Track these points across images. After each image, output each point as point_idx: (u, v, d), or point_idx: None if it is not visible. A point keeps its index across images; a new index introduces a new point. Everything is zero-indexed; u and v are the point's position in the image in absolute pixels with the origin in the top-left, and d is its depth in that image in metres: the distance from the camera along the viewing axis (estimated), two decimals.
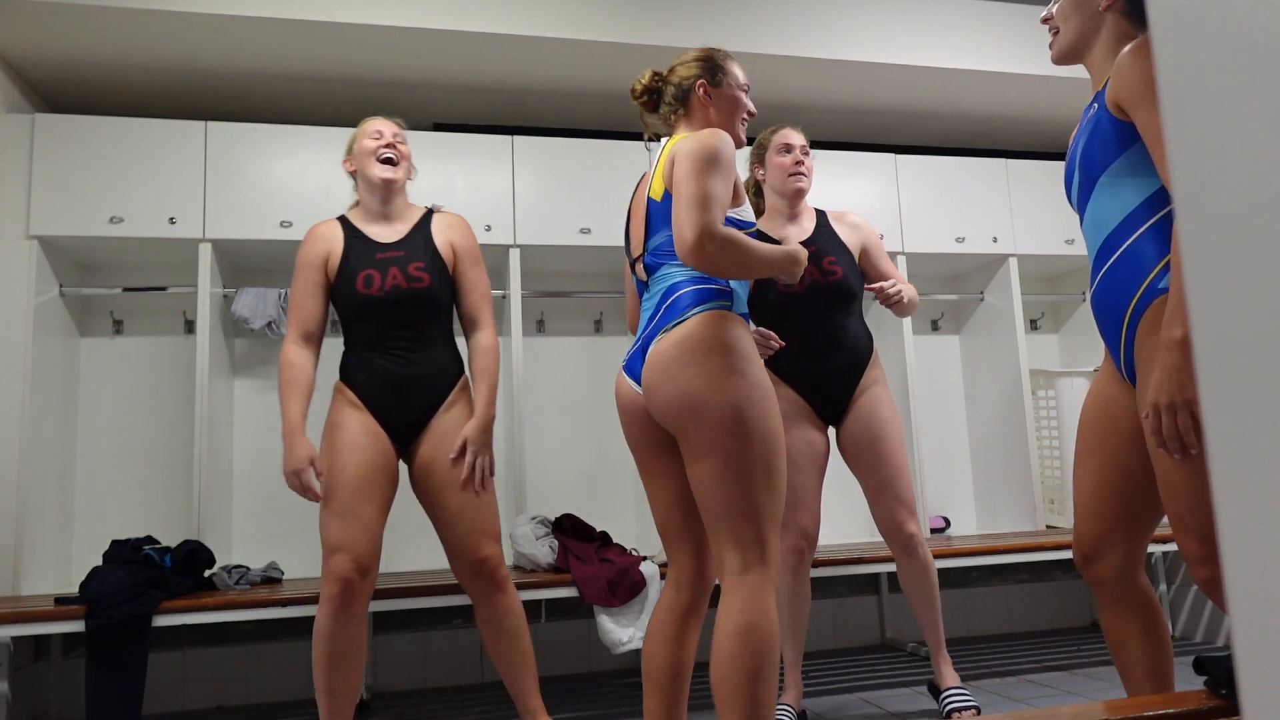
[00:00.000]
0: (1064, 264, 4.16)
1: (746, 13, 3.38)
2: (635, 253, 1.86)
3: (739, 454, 1.59)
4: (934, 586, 2.61)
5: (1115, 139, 1.58)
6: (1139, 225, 1.58)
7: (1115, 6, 1.64)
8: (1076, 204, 1.72)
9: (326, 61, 3.27)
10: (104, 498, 3.28)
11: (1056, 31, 1.71)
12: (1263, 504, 0.41)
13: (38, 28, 2.92)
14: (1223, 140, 0.43)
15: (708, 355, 1.62)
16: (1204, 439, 0.45)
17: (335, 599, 2.11)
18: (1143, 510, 1.65)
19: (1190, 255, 0.45)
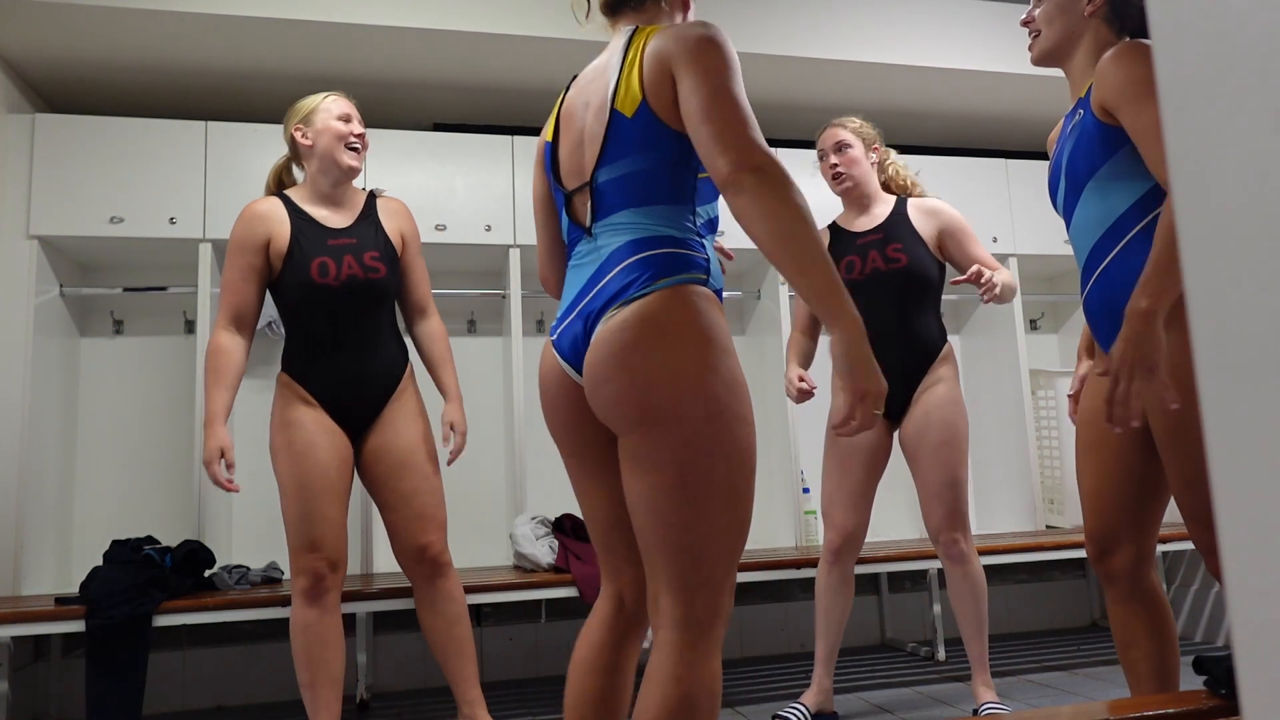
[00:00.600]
0: (1064, 264, 4.15)
1: (746, 13, 3.38)
2: (573, 183, 1.40)
3: (701, 474, 1.22)
4: (980, 599, 2.50)
5: (1102, 143, 1.58)
6: (1130, 228, 1.58)
7: (1099, 13, 1.66)
8: (1063, 210, 1.72)
9: (326, 61, 3.27)
10: (104, 498, 3.28)
11: (1037, 34, 1.72)
12: (1263, 504, 0.41)
13: (38, 28, 2.92)
14: (1223, 140, 0.43)
15: (678, 345, 1.24)
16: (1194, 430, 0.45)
17: (307, 592, 2.16)
18: (1146, 505, 1.65)
19: (1190, 255, 0.45)
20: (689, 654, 1.20)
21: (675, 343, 1.24)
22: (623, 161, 1.33)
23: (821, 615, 2.58)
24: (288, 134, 2.35)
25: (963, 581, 2.49)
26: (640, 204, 1.32)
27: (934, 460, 2.44)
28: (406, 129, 3.60)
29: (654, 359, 1.24)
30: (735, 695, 3.01)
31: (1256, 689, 0.41)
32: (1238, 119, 0.43)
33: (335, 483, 2.20)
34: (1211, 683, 1.32)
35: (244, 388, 3.47)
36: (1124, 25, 1.67)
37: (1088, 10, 1.65)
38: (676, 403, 1.23)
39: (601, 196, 1.35)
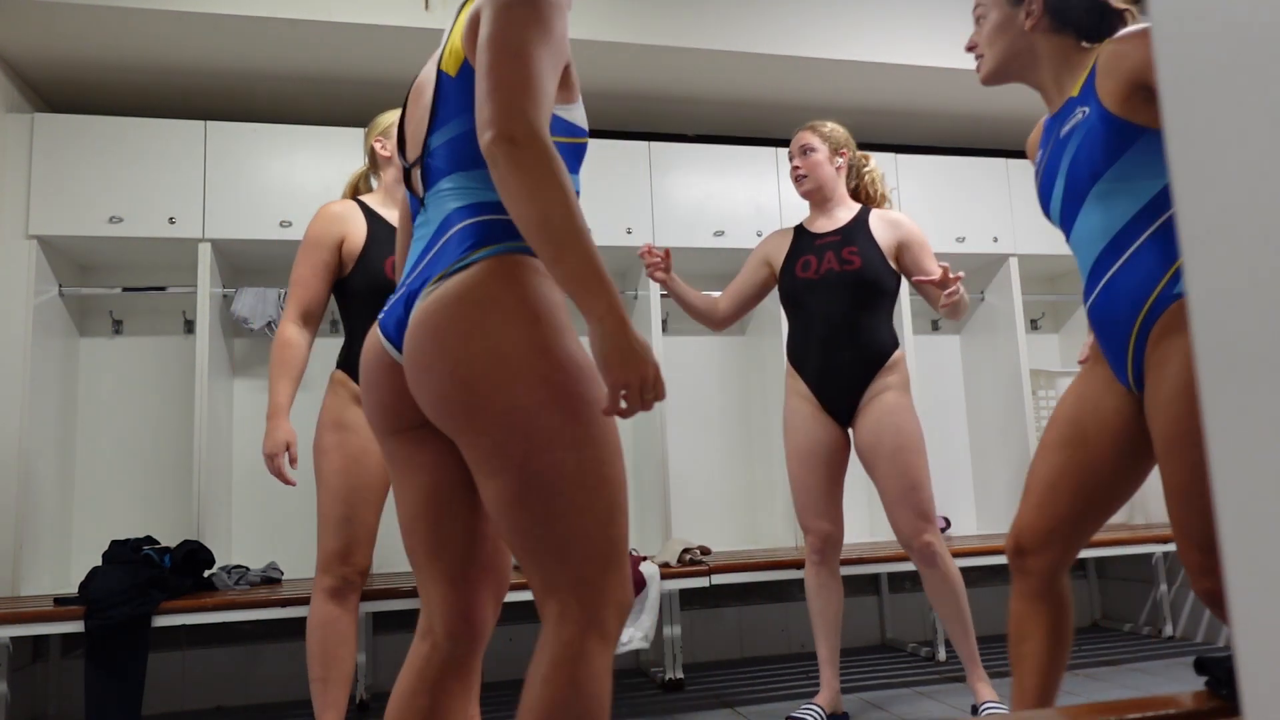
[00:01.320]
0: (1064, 264, 4.15)
1: (746, 13, 3.38)
2: (413, 155, 1.30)
3: (547, 469, 1.10)
4: (959, 597, 2.51)
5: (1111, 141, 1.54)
6: (1142, 231, 1.54)
7: (1040, 26, 1.65)
8: (1060, 217, 1.68)
9: (326, 61, 3.27)
10: (104, 498, 3.28)
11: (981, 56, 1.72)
12: (1263, 504, 0.41)
13: (38, 28, 2.92)
14: (1223, 140, 0.43)
15: (501, 325, 1.11)
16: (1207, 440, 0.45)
17: (331, 591, 2.17)
18: (1094, 514, 1.63)
19: (1190, 255, 0.45)
20: (564, 652, 1.09)
21: (498, 322, 1.11)
22: (451, 124, 1.22)
23: (816, 616, 2.58)
24: (368, 145, 2.41)
25: (942, 583, 2.50)
26: (467, 168, 1.20)
27: (892, 466, 2.47)
28: None
29: (474, 342, 1.11)
30: (735, 695, 3.01)
31: (1256, 689, 0.41)
32: (1238, 119, 0.43)
33: (379, 491, 2.24)
34: (1212, 683, 1.32)
35: (246, 388, 3.48)
36: (1078, 30, 1.65)
37: (1027, 25, 1.65)
38: (505, 392, 1.10)
39: (431, 163, 1.24)
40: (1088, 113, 1.57)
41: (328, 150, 3.29)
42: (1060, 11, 1.62)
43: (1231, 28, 0.43)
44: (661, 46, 3.29)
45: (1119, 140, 1.52)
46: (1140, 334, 1.55)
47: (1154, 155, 1.52)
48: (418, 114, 1.31)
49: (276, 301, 3.32)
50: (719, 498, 3.77)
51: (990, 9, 1.70)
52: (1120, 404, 1.61)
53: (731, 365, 3.91)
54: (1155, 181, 1.53)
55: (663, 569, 2.98)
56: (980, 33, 1.72)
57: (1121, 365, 1.60)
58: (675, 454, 3.67)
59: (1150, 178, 1.53)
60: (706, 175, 3.62)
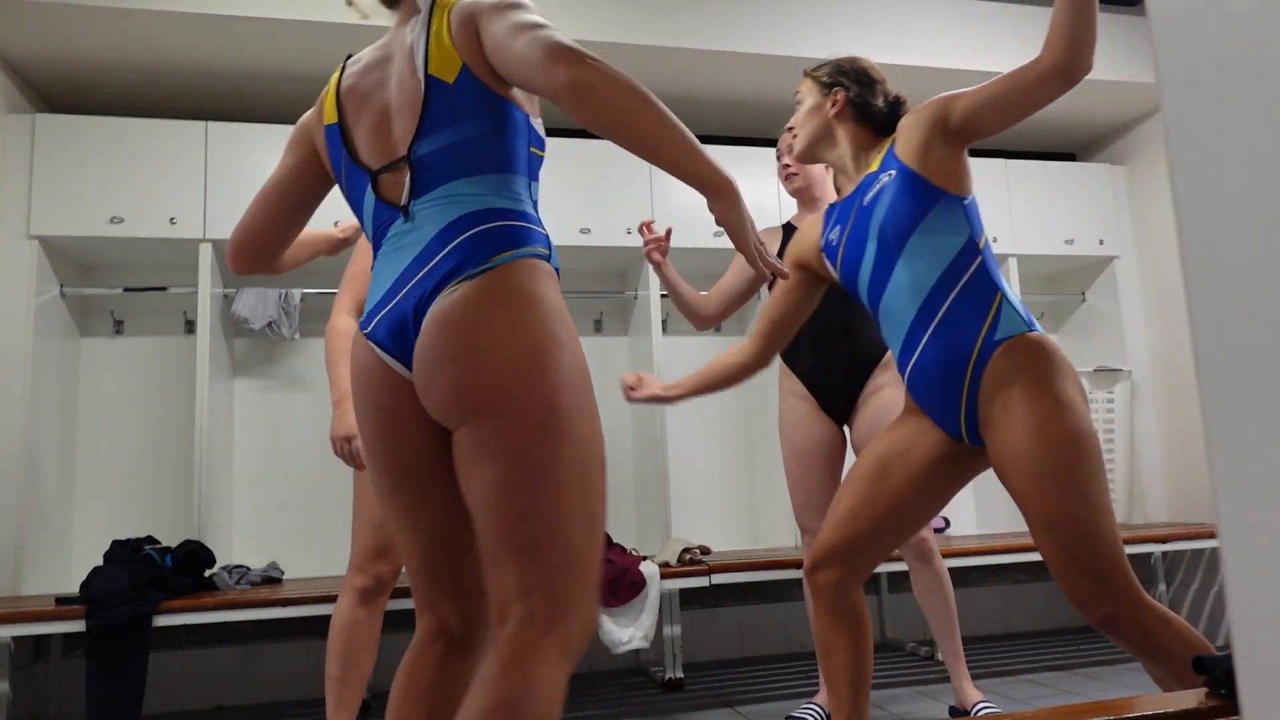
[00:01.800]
0: (1064, 264, 4.16)
1: (746, 13, 3.38)
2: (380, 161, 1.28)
3: (549, 461, 1.11)
4: (949, 597, 2.52)
5: (919, 198, 1.67)
6: (950, 290, 1.67)
7: (844, 115, 1.85)
8: (870, 285, 1.77)
9: (326, 61, 3.27)
10: (104, 498, 3.28)
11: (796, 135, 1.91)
12: (1263, 504, 0.41)
13: (38, 28, 2.92)
14: (1223, 140, 0.43)
15: (527, 321, 1.14)
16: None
17: (363, 591, 2.16)
18: (887, 542, 1.75)
19: (1191, 255, 0.45)
20: (523, 654, 1.04)
21: (523, 318, 1.14)
22: (448, 130, 1.22)
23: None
24: None
25: (935, 581, 2.51)
26: (470, 174, 1.22)
27: None
28: None
29: (500, 336, 1.12)
30: (735, 695, 3.01)
31: (1256, 689, 0.41)
32: (1238, 119, 0.43)
33: None
34: (1211, 683, 1.32)
35: (246, 388, 3.48)
36: (875, 125, 1.85)
37: (831, 112, 1.85)
38: (524, 382, 1.11)
39: (423, 170, 1.23)
40: (894, 174, 1.71)
41: None
42: (860, 105, 1.84)
43: (1232, 27, 0.43)
44: (661, 47, 3.29)
45: (925, 196, 1.67)
46: (971, 387, 1.65)
47: (953, 214, 1.67)
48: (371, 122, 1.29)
49: (277, 302, 3.32)
50: (719, 498, 3.77)
51: (806, 95, 1.91)
52: (930, 451, 1.72)
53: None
54: (957, 238, 1.68)
55: (663, 569, 2.98)
56: (797, 115, 1.92)
57: (953, 419, 1.69)
58: (675, 454, 3.67)
59: (952, 234, 1.68)
60: None
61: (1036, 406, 1.56)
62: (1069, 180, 4.06)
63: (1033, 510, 1.55)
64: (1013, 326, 1.64)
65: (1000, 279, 1.69)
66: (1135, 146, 4.16)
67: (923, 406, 1.75)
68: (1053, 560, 1.54)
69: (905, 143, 1.71)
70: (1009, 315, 1.65)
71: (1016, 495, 1.58)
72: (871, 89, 1.88)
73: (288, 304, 3.34)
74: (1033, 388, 1.58)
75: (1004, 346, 1.62)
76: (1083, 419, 1.57)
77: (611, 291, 3.73)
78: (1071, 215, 3.99)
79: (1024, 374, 1.59)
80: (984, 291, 1.66)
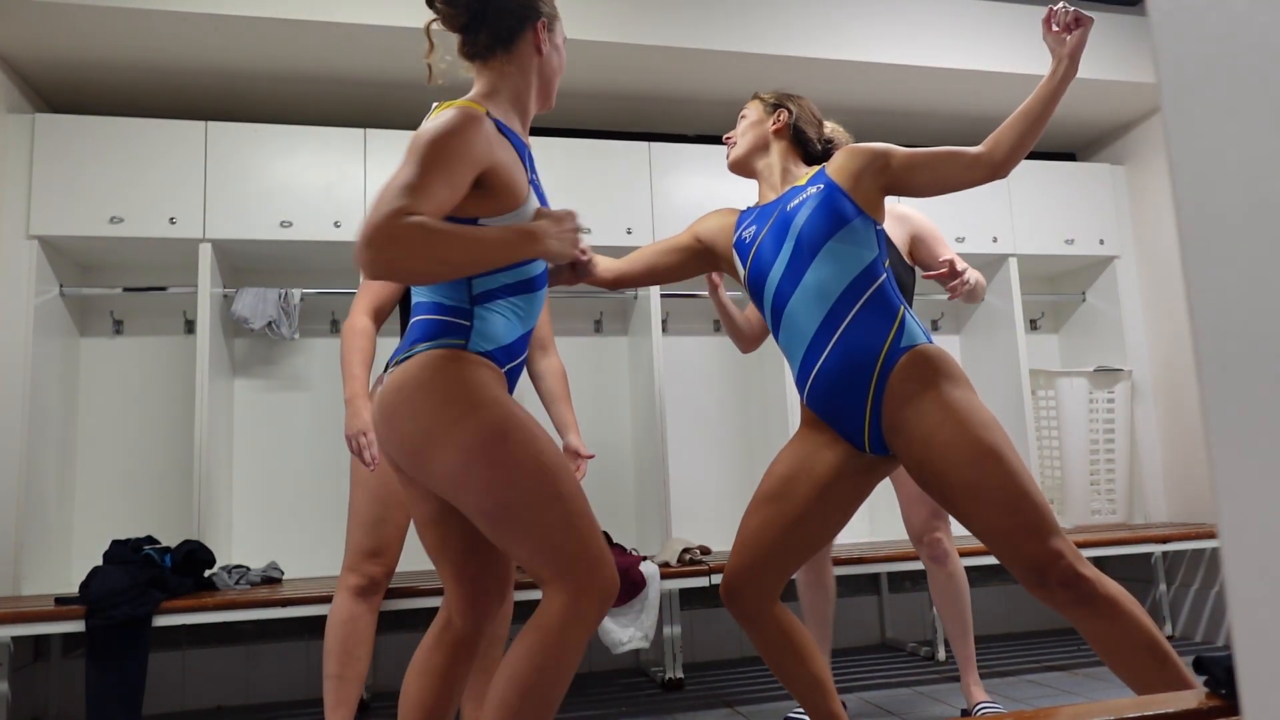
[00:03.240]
0: (1064, 264, 4.16)
1: (746, 13, 3.38)
2: None
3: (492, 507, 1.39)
4: (963, 598, 2.51)
5: (840, 211, 1.80)
6: (862, 293, 1.78)
7: (782, 134, 2.02)
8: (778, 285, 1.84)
9: (326, 61, 3.27)
10: (104, 498, 3.28)
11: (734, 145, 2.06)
12: (1263, 504, 0.41)
13: (38, 28, 2.92)
14: (1223, 140, 0.43)
15: (425, 406, 1.41)
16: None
17: (356, 589, 2.20)
18: (794, 559, 1.82)
19: (1190, 255, 0.45)
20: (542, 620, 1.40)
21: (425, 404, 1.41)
22: None
23: (808, 612, 2.56)
24: None
25: (948, 581, 2.51)
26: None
27: None
28: (406, 129, 3.60)
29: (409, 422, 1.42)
30: (735, 695, 3.01)
31: (1256, 689, 0.41)
32: (1238, 119, 0.43)
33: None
34: (1211, 683, 1.33)
35: (245, 388, 3.48)
36: (806, 151, 2.02)
37: (772, 129, 2.02)
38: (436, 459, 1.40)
39: None
40: (821, 188, 1.84)
41: (328, 150, 3.29)
42: (799, 129, 2.02)
43: (1231, 28, 0.43)
44: (661, 47, 3.29)
45: (842, 212, 1.80)
46: (875, 396, 1.74)
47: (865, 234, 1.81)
48: None
49: (277, 302, 3.32)
50: (719, 498, 3.77)
51: (750, 112, 2.08)
52: (831, 466, 1.79)
53: (731, 365, 3.91)
54: (866, 253, 1.80)
55: (663, 569, 2.98)
56: (739, 128, 2.07)
57: (855, 424, 1.77)
58: (675, 454, 3.67)
59: (863, 248, 1.80)
60: (706, 175, 3.62)
61: (955, 401, 1.68)
62: (1069, 180, 4.06)
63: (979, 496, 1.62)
64: (913, 339, 1.77)
65: (901, 299, 1.82)
66: (1135, 146, 4.16)
67: (823, 416, 1.82)
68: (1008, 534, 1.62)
69: (838, 166, 1.85)
70: (911, 329, 1.79)
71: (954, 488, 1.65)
72: (811, 123, 2.05)
73: (287, 304, 3.34)
74: (943, 388, 1.70)
75: (908, 355, 1.74)
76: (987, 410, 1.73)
77: (611, 292, 3.73)
78: (1071, 215, 3.99)
79: (933, 378, 1.71)
80: (888, 306, 1.78)
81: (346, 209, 3.27)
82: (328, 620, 2.21)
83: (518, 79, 1.58)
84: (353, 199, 3.28)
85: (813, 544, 1.83)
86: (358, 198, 3.28)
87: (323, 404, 3.52)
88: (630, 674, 3.38)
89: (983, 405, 1.72)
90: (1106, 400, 3.85)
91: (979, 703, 2.50)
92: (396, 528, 2.25)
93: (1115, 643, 1.61)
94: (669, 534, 3.30)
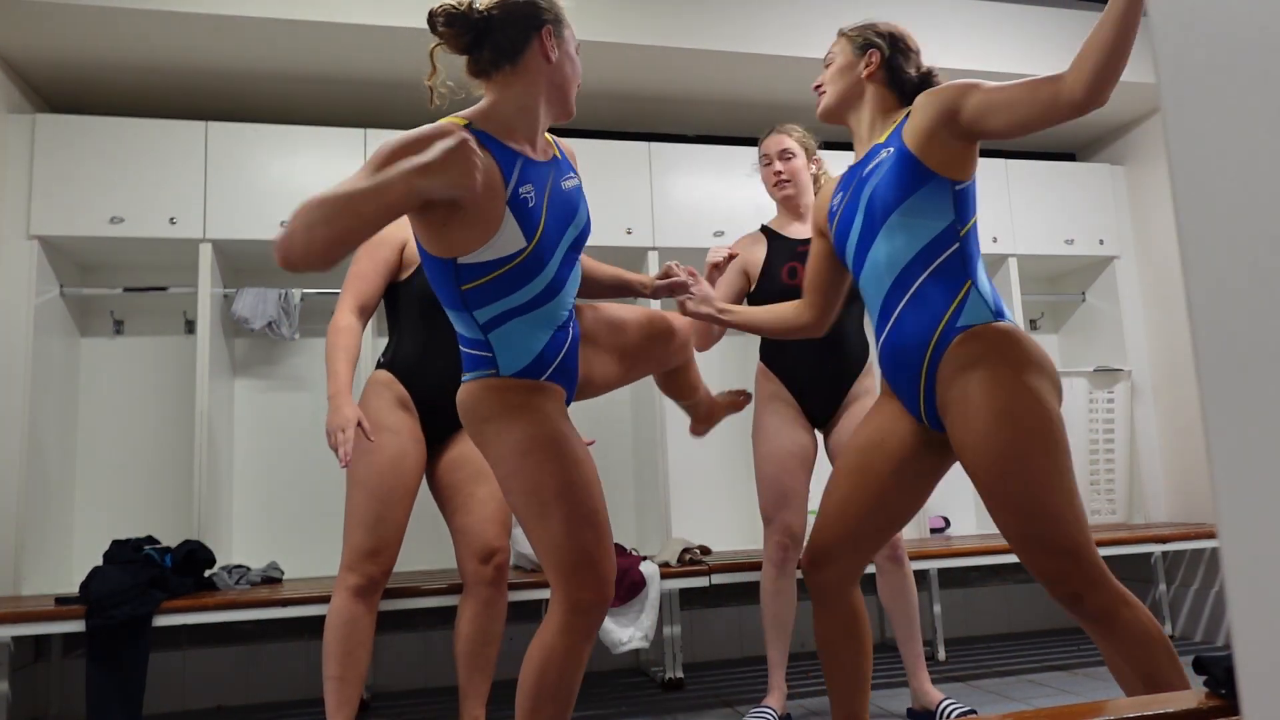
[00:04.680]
0: (1064, 264, 4.16)
1: (746, 13, 3.38)
2: None
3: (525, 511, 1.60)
4: (914, 597, 2.60)
5: (909, 178, 1.67)
6: (923, 270, 1.67)
7: (876, 77, 1.83)
8: (855, 253, 1.78)
9: (326, 61, 3.27)
10: (104, 498, 3.28)
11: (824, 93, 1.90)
12: (1263, 504, 0.41)
13: (38, 28, 2.92)
14: (1223, 140, 0.43)
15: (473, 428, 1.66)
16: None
17: (355, 589, 2.19)
18: (877, 533, 1.77)
19: (1191, 255, 0.45)
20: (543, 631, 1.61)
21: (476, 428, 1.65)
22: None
23: (773, 621, 2.58)
24: None
25: (904, 581, 2.57)
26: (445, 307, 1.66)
27: None
28: (406, 129, 3.59)
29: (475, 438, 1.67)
30: (735, 695, 3.01)
31: (1256, 689, 0.41)
32: (1238, 119, 0.43)
33: (411, 492, 2.29)
34: (1211, 683, 1.32)
35: (246, 388, 3.48)
36: (902, 90, 1.83)
37: (865, 73, 1.82)
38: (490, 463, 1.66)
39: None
40: (891, 152, 1.70)
41: (328, 150, 3.29)
42: (894, 69, 1.82)
43: (1231, 28, 0.43)
44: (661, 47, 3.29)
45: (912, 179, 1.66)
46: (930, 369, 1.66)
47: (939, 199, 1.67)
48: None
49: (277, 302, 3.32)
50: (719, 498, 3.77)
51: (838, 55, 1.89)
52: (906, 435, 1.74)
53: (731, 365, 3.91)
54: (937, 222, 1.67)
55: (663, 569, 2.98)
56: (826, 74, 1.90)
57: (913, 399, 1.71)
58: (675, 454, 3.67)
59: (933, 218, 1.67)
60: (706, 175, 3.62)
61: (997, 392, 1.57)
62: (1069, 180, 4.06)
63: (998, 495, 1.57)
64: (977, 316, 1.65)
65: (975, 269, 1.69)
66: (1135, 146, 4.16)
67: (891, 384, 1.77)
68: (1018, 540, 1.57)
69: (913, 123, 1.69)
70: (975, 304, 1.65)
71: (980, 481, 1.60)
72: (906, 56, 1.84)
73: (287, 304, 3.34)
74: (992, 374, 1.58)
75: (964, 334, 1.64)
76: (1044, 405, 1.57)
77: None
78: (1071, 215, 3.99)
79: (983, 361, 1.60)
80: (955, 278, 1.67)
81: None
82: (326, 621, 2.21)
83: (523, 91, 1.59)
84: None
85: (894, 521, 1.78)
86: None
87: (323, 404, 3.49)
88: (630, 674, 3.37)
89: (1035, 398, 1.57)
90: (1106, 400, 3.85)
91: (943, 700, 2.53)
92: (395, 527, 2.25)
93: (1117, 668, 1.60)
94: (669, 534, 3.30)
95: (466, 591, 2.36)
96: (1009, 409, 1.55)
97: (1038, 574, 1.56)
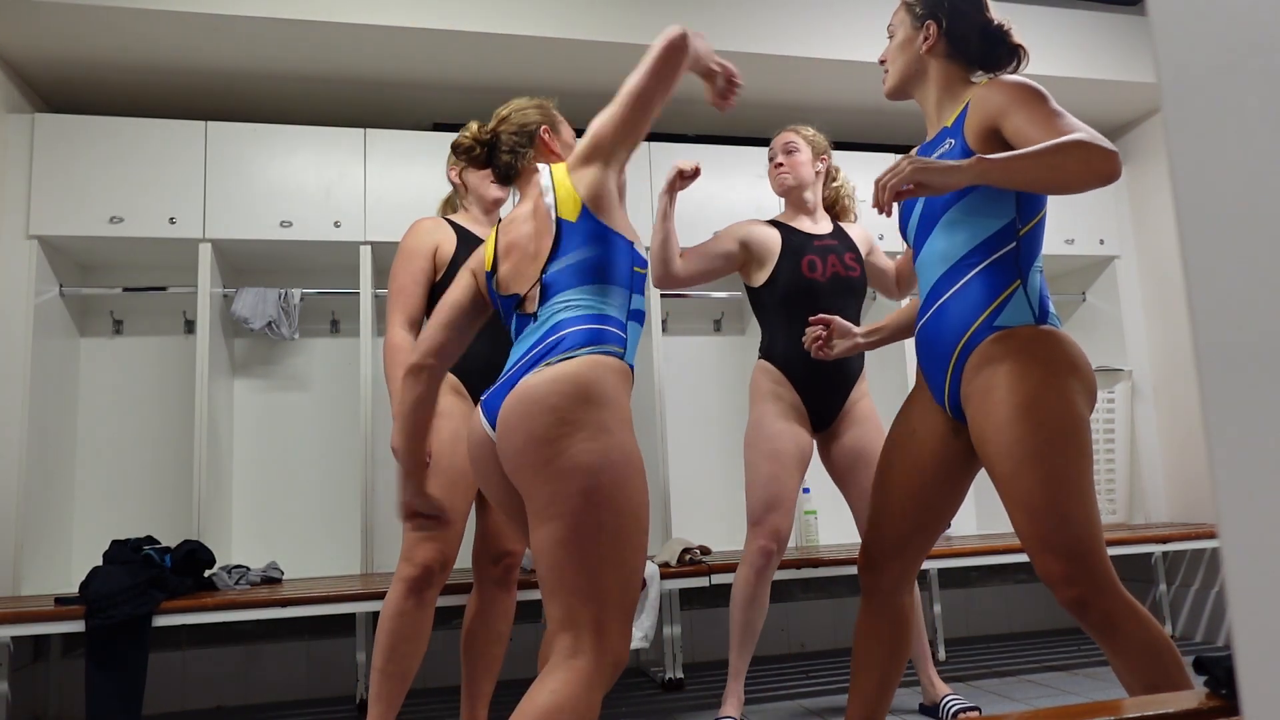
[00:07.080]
0: (1064, 264, 4.16)
1: (745, 12, 3.38)
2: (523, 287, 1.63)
3: (587, 521, 1.38)
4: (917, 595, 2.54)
5: None
6: (975, 264, 1.64)
7: (936, 50, 1.75)
8: (914, 240, 1.77)
9: (326, 61, 3.27)
10: (104, 498, 3.28)
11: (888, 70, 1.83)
12: (1263, 504, 0.41)
13: (38, 28, 2.92)
14: (1223, 140, 0.43)
15: (580, 402, 1.43)
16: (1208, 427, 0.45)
17: (411, 581, 2.11)
18: (927, 531, 1.75)
19: (1191, 255, 0.45)
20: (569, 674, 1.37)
21: (581, 400, 1.43)
22: (571, 254, 1.57)
23: (743, 628, 2.52)
24: (449, 174, 2.56)
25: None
26: (586, 283, 1.55)
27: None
28: (406, 129, 3.60)
29: (556, 413, 1.42)
30: None
31: (1256, 689, 0.41)
32: (1238, 119, 0.43)
33: (471, 480, 2.20)
34: (1211, 683, 1.32)
35: (245, 388, 3.48)
36: (969, 59, 1.75)
37: (924, 48, 1.75)
38: (566, 452, 1.40)
39: (549, 285, 1.58)
40: (953, 145, 1.66)
41: (328, 150, 3.29)
42: (955, 39, 1.73)
43: (1232, 27, 0.43)
44: None
45: None
46: (959, 361, 1.65)
47: (1000, 197, 1.62)
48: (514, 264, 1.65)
49: (277, 302, 3.32)
50: (719, 498, 3.77)
51: (899, 28, 1.81)
52: (939, 425, 1.72)
53: (731, 365, 3.91)
54: (994, 221, 1.63)
55: (663, 569, 2.98)
56: (889, 48, 1.83)
57: (940, 388, 1.70)
58: (675, 454, 3.67)
59: (991, 216, 1.63)
60: (706, 175, 3.62)
61: (1021, 387, 1.54)
62: None
63: (1010, 491, 1.55)
64: (1017, 317, 1.62)
65: (1029, 269, 1.64)
66: (1135, 146, 4.16)
67: (924, 372, 1.75)
68: (1026, 539, 1.55)
69: (974, 116, 1.64)
70: (1018, 304, 1.62)
71: (995, 476, 1.58)
72: (968, 20, 1.73)
73: (287, 304, 3.34)
74: (1020, 369, 1.56)
75: (999, 334, 1.61)
76: (1070, 407, 1.54)
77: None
78: (1071, 215, 3.99)
79: (1013, 357, 1.57)
80: (1004, 276, 1.63)
81: (346, 209, 3.27)
82: (381, 611, 2.17)
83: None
84: (352, 199, 3.28)
85: (937, 515, 1.74)
86: (357, 198, 3.28)
87: (323, 404, 3.53)
88: (630, 674, 3.37)
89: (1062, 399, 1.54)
90: (1106, 400, 3.85)
91: (946, 695, 2.56)
92: (460, 516, 2.17)
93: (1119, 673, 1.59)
94: (669, 534, 3.30)
95: (475, 590, 2.35)
96: (1031, 405, 1.53)
97: (1043, 575, 1.54)
